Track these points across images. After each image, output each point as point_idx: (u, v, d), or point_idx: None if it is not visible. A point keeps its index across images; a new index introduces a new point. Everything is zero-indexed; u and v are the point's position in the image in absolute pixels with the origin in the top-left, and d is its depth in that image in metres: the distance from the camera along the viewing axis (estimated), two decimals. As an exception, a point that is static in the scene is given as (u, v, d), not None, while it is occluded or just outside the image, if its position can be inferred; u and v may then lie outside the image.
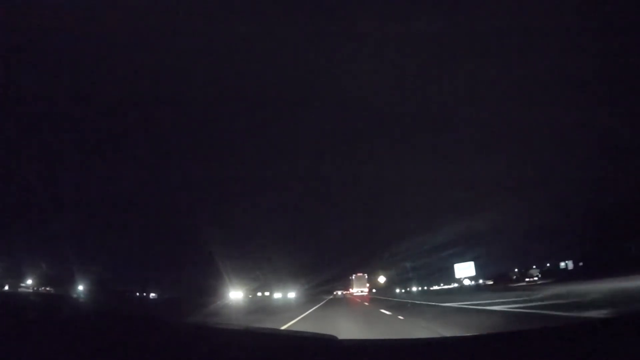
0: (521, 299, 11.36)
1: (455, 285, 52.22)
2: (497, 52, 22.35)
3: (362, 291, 53.46)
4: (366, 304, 19.63)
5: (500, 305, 10.07)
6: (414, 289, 48.41)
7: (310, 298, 34.16)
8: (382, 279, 45.12)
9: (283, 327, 7.63)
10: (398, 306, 14.80)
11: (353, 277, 57.05)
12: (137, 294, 28.76)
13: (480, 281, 47.53)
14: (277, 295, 38.36)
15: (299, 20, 19.82)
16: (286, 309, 15.94)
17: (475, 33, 20.36)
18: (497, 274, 40.83)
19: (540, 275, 34.55)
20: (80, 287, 20.92)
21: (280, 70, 24.25)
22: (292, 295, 38.45)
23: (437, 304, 14.15)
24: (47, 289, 22.56)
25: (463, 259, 43.26)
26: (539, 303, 9.31)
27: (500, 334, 1.83)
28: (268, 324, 8.14)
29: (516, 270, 41.41)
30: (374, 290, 59.68)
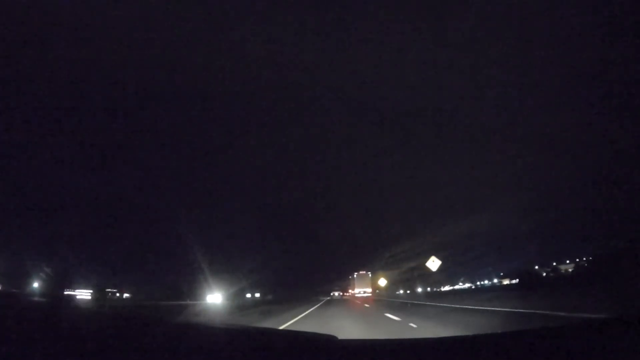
0: None
1: (467, 285, 52.64)
2: (498, 54, 23.18)
3: (365, 292, 52.92)
4: (393, 317, 12.19)
5: None
6: (419, 289, 48.71)
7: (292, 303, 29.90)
8: (382, 282, 44.19)
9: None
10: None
11: (355, 276, 56.15)
12: (110, 294, 28.94)
13: (495, 280, 47.49)
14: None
15: (299, 21, 20.39)
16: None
17: (476, 35, 21.05)
18: (522, 271, 38.99)
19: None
20: (36, 284, 20.79)
21: (280, 71, 24.98)
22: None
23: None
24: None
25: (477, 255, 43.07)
26: None
27: (500, 334, 2.00)
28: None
29: (537, 267, 39.45)
30: (377, 291, 59.90)
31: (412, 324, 9.06)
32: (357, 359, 1.72)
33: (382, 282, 46.48)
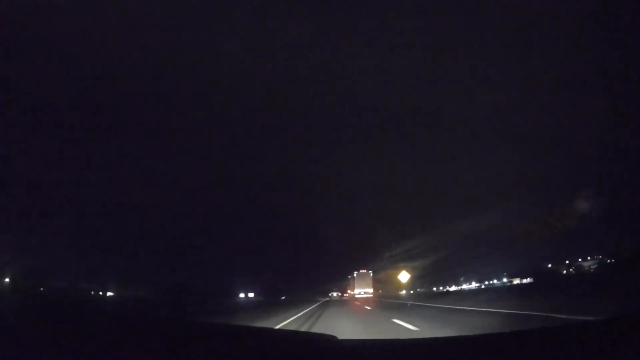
0: None
1: (475, 285, 52.92)
2: (496, 52, 24.36)
3: (365, 292, 50.68)
4: None
5: None
6: (423, 289, 48.54)
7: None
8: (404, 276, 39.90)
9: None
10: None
11: (355, 275, 53.92)
12: (92, 292, 28.71)
13: (505, 280, 47.50)
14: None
15: (297, 20, 21.06)
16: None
17: (474, 32, 21.92)
18: (536, 269, 35.45)
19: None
20: (7, 280, 20.57)
21: (278, 71, 25.76)
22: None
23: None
24: None
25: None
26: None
27: (500, 334, 2.11)
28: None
29: (550, 265, 37.80)
30: (380, 291, 59.51)
31: None
32: (357, 359, 1.82)
33: (404, 276, 37.72)
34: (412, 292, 52.99)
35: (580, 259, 35.06)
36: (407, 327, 8.28)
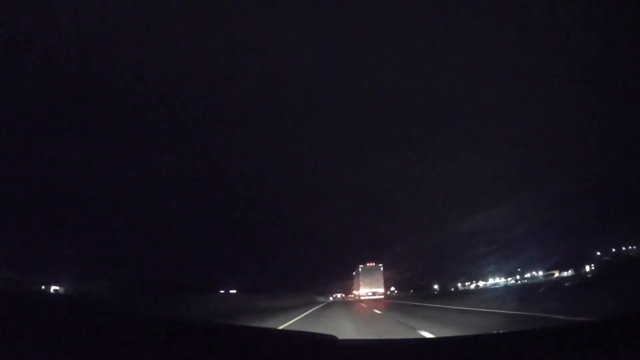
0: None
1: (502, 281, 52.92)
2: (500, 49, 25.43)
3: (374, 293, 43.99)
4: None
5: None
6: (435, 286, 48.68)
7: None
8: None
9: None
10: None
11: (359, 270, 46.66)
12: (37, 286, 28.44)
13: (541, 272, 47.20)
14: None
15: (298, 19, 22.00)
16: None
17: (477, 29, 22.90)
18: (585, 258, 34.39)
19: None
20: None
21: (281, 69, 26.91)
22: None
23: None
24: None
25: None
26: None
27: (500, 334, 2.39)
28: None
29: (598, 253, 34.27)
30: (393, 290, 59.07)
31: None
32: (357, 359, 2.10)
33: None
34: (436, 287, 53.60)
35: (622, 248, 33.88)
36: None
